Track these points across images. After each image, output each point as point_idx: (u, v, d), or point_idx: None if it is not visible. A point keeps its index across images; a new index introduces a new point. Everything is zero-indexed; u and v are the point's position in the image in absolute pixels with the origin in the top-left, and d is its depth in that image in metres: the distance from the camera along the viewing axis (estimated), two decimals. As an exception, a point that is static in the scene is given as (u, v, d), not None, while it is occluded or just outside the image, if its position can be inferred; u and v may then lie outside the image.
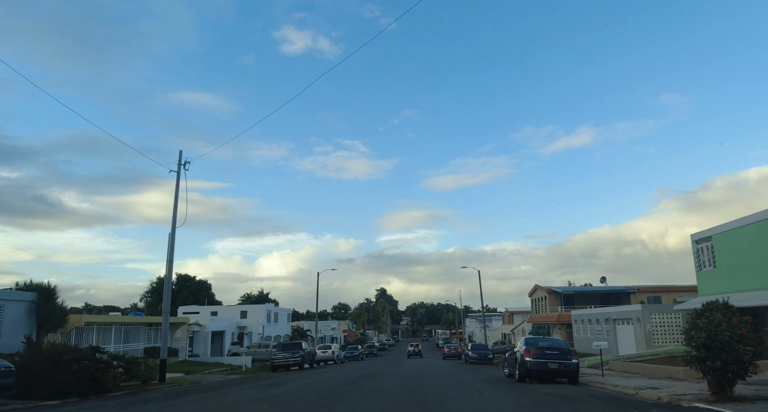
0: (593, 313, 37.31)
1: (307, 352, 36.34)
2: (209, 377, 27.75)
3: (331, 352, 46.65)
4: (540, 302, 53.53)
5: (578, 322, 40.76)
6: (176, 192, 23.96)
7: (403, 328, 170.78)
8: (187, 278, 73.08)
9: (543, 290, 51.58)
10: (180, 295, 70.47)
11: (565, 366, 16.77)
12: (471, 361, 37.90)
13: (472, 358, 37.96)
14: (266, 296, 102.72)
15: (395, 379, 20.38)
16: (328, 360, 46.93)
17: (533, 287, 55.44)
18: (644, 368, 20.93)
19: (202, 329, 42.97)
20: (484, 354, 38.23)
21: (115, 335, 31.97)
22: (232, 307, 61.20)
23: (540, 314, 53.26)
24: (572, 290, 48.22)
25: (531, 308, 58.36)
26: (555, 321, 45.78)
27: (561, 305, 46.77)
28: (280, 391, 16.07)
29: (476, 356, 37.97)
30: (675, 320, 28.66)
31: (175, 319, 39.81)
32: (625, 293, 46.98)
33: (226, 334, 46.76)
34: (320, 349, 47.07)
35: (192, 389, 19.76)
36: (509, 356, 20.12)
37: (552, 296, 49.42)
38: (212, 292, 76.28)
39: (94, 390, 17.64)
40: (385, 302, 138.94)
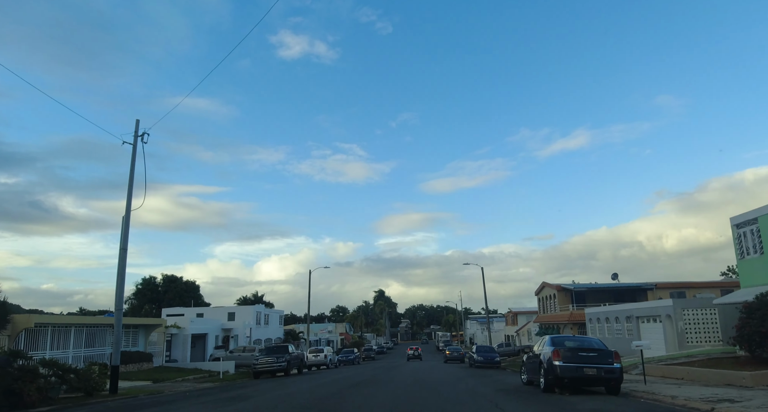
0: (612, 310, 33.71)
1: (295, 356, 32.68)
2: (177, 385, 24.08)
3: (323, 356, 42.94)
4: (548, 301, 49.92)
5: (593, 321, 37.16)
6: (131, 168, 20.32)
7: (402, 330, 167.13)
8: (173, 279, 69.40)
9: (552, 288, 47.98)
10: (166, 296, 66.86)
11: (606, 372, 13.15)
12: (476, 365, 34.28)
13: (478, 361, 34.32)
14: (260, 298, 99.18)
15: (391, 389, 16.74)
16: (321, 365, 43.24)
17: (540, 284, 51.84)
18: (691, 373, 17.32)
19: (181, 331, 39.24)
20: (490, 357, 34.60)
21: (75, 338, 28.22)
22: (219, 308, 57.46)
23: (548, 313, 49.63)
24: (584, 286, 44.73)
25: (538, 308, 54.73)
26: (566, 320, 42.16)
27: (572, 303, 43.16)
28: (239, 408, 12.40)
29: (482, 359, 34.35)
30: (711, 317, 25.06)
31: (150, 320, 36.14)
32: (642, 289, 43.42)
33: (209, 337, 43.03)
34: (312, 353, 43.37)
35: (141, 402, 16.11)
36: (529, 359, 16.49)
37: (562, 293, 45.82)
38: (201, 294, 72.58)
39: (11, 405, 14.02)
40: (383, 303, 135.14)
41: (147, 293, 67.63)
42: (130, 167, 20.21)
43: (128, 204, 20.01)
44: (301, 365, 34.66)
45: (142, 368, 33.68)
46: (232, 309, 55.79)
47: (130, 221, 20.09)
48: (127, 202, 19.99)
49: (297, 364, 33.46)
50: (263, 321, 58.11)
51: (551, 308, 48.77)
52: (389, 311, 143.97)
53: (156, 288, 68.57)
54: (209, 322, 44.40)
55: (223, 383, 26.44)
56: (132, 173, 20.15)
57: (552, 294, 48.10)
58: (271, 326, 60.96)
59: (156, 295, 67.45)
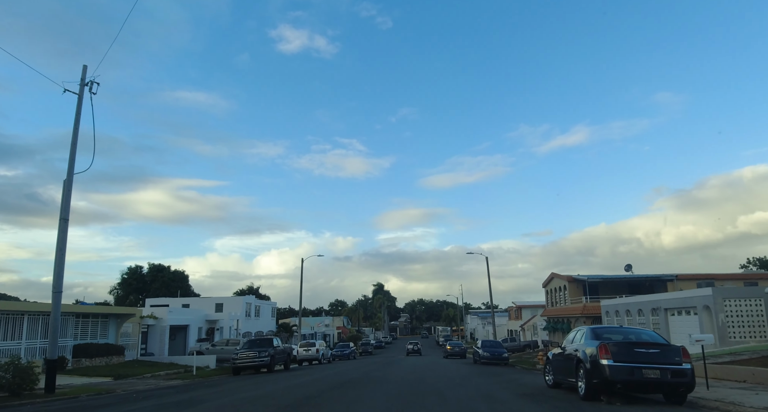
0: (633, 302, 30.36)
1: (280, 350, 29.37)
2: (138, 383, 20.78)
3: (315, 350, 39.66)
4: (557, 293, 46.58)
5: (610, 314, 33.85)
6: (76, 123, 16.83)
7: (402, 325, 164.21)
8: (160, 268, 66.09)
9: (562, 279, 44.62)
10: (152, 286, 63.59)
11: (674, 375, 9.75)
12: (482, 361, 30.99)
13: (484, 357, 31.03)
14: (256, 291, 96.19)
15: (383, 391, 13.40)
16: (312, 360, 40.01)
17: (549, 276, 48.48)
18: (758, 375, 13.94)
19: (158, 322, 35.95)
20: (498, 353, 31.29)
21: (29, 327, 24.89)
22: (206, 299, 54.20)
23: (557, 306, 46.31)
24: (598, 277, 41.39)
25: (545, 300, 51.42)
26: (579, 313, 38.82)
27: (585, 294, 39.83)
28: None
29: (488, 354, 31.05)
30: (758, 309, 21.67)
31: (122, 309, 32.85)
32: (661, 280, 40.06)
33: (191, 329, 39.70)
34: (302, 347, 40.10)
35: (68, 405, 12.78)
36: (557, 357, 13.11)
37: (573, 285, 42.46)
38: (189, 284, 69.28)
39: None
40: (382, 297, 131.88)
41: (132, 282, 64.39)
42: (74, 122, 16.75)
43: (71, 166, 16.56)
44: (288, 360, 31.38)
45: (111, 362, 30.41)
46: (219, 300, 52.52)
47: (72, 186, 16.63)
48: (70, 163, 16.53)
49: (283, 359, 30.18)
50: (253, 313, 54.87)
51: (561, 300, 45.45)
52: (388, 305, 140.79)
53: (142, 278, 65.30)
54: (191, 312, 41.07)
55: (194, 380, 23.14)
56: (76, 129, 16.69)
57: (562, 286, 44.75)
58: (262, 319, 57.74)
59: (142, 285, 64.21)
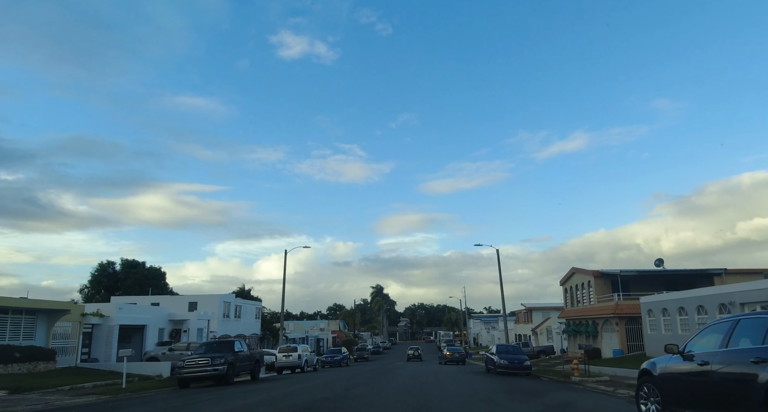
0: (690, 297, 24.18)
1: (244, 356, 23.22)
2: (41, 399, 14.71)
3: (296, 356, 33.46)
4: (578, 291, 40.38)
5: (654, 313, 27.70)
6: None
7: (401, 329, 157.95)
8: (134, 265, 59.95)
9: (585, 274, 38.42)
10: (124, 283, 57.44)
11: None
12: (499, 370, 24.82)
13: (501, 366, 24.84)
14: (248, 293, 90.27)
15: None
16: (294, 367, 33.88)
17: (569, 271, 42.25)
18: None
19: (104, 321, 29.82)
20: (518, 360, 25.10)
21: None
22: (179, 297, 48.05)
23: (579, 305, 40.09)
24: (632, 271, 35.20)
25: (564, 300, 45.19)
26: (611, 314, 32.60)
27: (617, 291, 33.59)
28: None
29: (506, 362, 24.87)
30: None
31: (52, 304, 26.64)
32: (707, 274, 33.89)
33: (149, 330, 33.50)
34: (282, 352, 33.91)
35: None
36: (682, 376, 6.94)
37: (600, 280, 36.25)
38: (166, 282, 63.13)
39: None
40: (381, 300, 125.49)
41: (103, 280, 58.27)
42: None
43: None
44: (257, 368, 25.23)
45: (35, 370, 24.36)
46: (193, 298, 46.35)
47: None
48: None
49: (248, 367, 24.02)
50: (233, 314, 48.68)
51: (584, 298, 39.24)
52: (387, 309, 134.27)
53: (114, 275, 59.16)
54: (150, 311, 34.82)
55: (117, 395, 17.04)
56: None
57: (585, 282, 38.55)
58: (244, 320, 51.54)
59: (114, 283, 58.08)
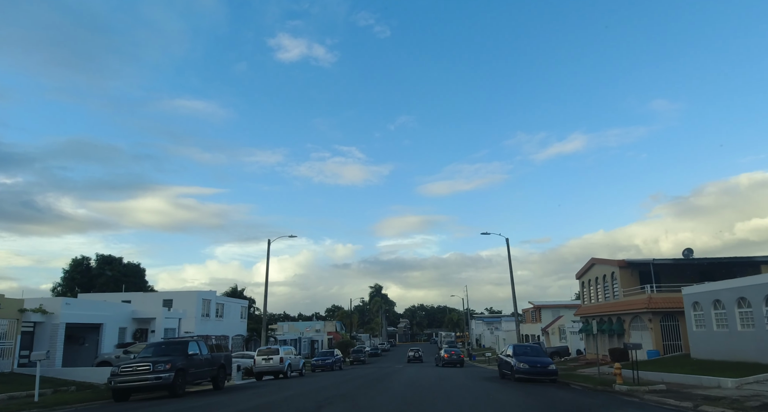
0: (757, 283, 19.59)
1: (200, 360, 18.65)
2: None
3: (277, 360, 28.81)
4: (600, 284, 35.80)
5: (702, 306, 23.13)
6: None
7: (401, 331, 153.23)
8: (110, 260, 55.32)
9: (609, 265, 33.84)
10: (98, 281, 52.84)
11: None
12: (519, 376, 20.25)
13: (521, 371, 20.25)
14: (240, 293, 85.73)
15: None
16: (276, 372, 29.27)
17: (587, 262, 37.63)
18: None
19: (48, 319, 25.20)
20: (543, 364, 20.49)
21: None
22: (153, 294, 43.41)
23: (601, 300, 35.51)
24: (666, 260, 30.60)
25: (581, 296, 40.60)
26: (643, 308, 27.98)
27: (651, 282, 28.98)
28: None
29: (528, 367, 20.28)
30: None
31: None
32: (751, 263, 29.35)
33: (107, 329, 28.84)
34: (261, 355, 29.27)
35: None
36: None
37: (626, 271, 31.67)
38: (146, 279, 58.52)
39: None
40: (380, 300, 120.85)
41: (77, 277, 53.68)
42: None
43: None
44: (220, 374, 20.65)
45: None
46: (169, 295, 41.74)
47: None
48: None
49: (208, 374, 19.46)
50: (214, 313, 44.03)
51: (605, 293, 34.66)
52: (386, 309, 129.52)
53: (88, 271, 54.57)
54: (107, 307, 30.10)
55: None
56: None
57: (609, 274, 33.97)
58: (227, 320, 46.90)
59: (89, 280, 53.51)
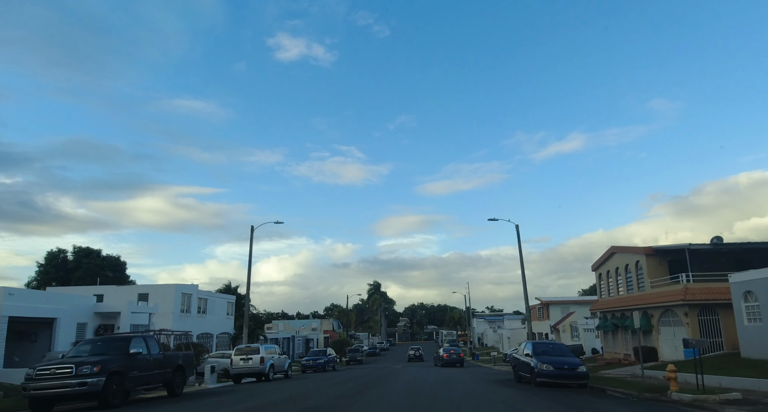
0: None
1: (147, 362, 14.99)
2: None
3: (257, 360, 25.14)
4: (622, 275, 32.16)
5: (758, 295, 19.46)
6: None
7: (401, 330, 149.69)
8: (87, 253, 51.73)
9: (633, 253, 30.14)
10: (75, 274, 49.24)
11: None
12: (541, 379, 16.59)
13: (545, 373, 16.57)
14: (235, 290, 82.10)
15: None
16: (258, 375, 25.64)
17: (606, 252, 33.94)
18: None
19: (-16, 313, 21.52)
20: (571, 365, 16.79)
21: None
22: (127, 288, 39.70)
23: (623, 293, 31.86)
24: (704, 246, 26.76)
25: (597, 289, 36.97)
26: (678, 300, 24.27)
27: (687, 270, 25.24)
28: None
29: (552, 369, 16.59)
30: None
31: None
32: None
33: (61, 325, 25.11)
34: (238, 354, 25.60)
35: None
36: None
37: (655, 260, 27.98)
38: (126, 273, 54.86)
39: None
40: (379, 297, 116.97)
41: (51, 271, 50.10)
42: None
43: None
44: (177, 379, 17.00)
45: None
46: (145, 289, 38.08)
47: None
48: None
49: (159, 378, 15.82)
50: (195, 309, 40.35)
51: (629, 285, 31.02)
52: (385, 307, 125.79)
53: (64, 265, 50.97)
54: (62, 299, 26.34)
55: None
56: None
57: (632, 263, 30.31)
58: (211, 317, 43.22)
59: (65, 274, 49.95)
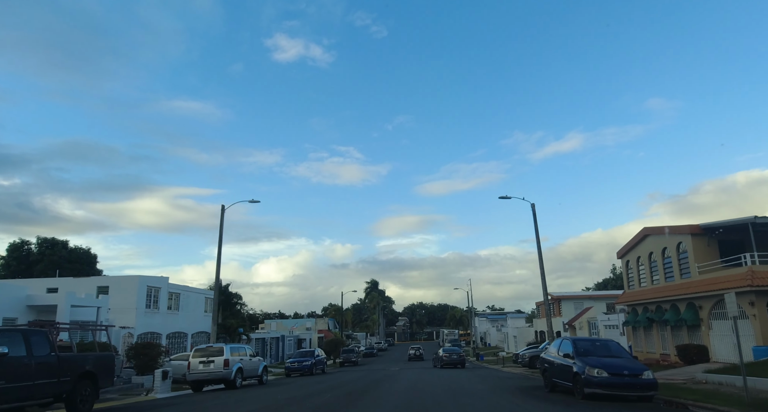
0: None
1: (20, 368, 10.14)
2: None
3: (220, 363, 20.39)
4: (658, 261, 27.44)
5: None
6: None
7: (400, 329, 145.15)
8: (53, 244, 46.98)
9: (675, 233, 25.36)
10: (37, 267, 44.59)
11: None
12: (591, 390, 11.86)
13: (597, 381, 11.85)
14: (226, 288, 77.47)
15: None
16: (222, 380, 20.91)
17: (638, 234, 29.14)
18: None
19: None
20: (633, 371, 12.03)
21: None
22: (85, 280, 34.83)
23: (658, 282, 27.13)
24: (765, 219, 22.14)
25: (625, 278, 32.25)
26: (743, 286, 19.56)
27: (753, 250, 20.53)
28: None
29: (607, 376, 11.86)
30: None
31: None
32: None
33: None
34: (197, 356, 20.84)
35: None
36: None
37: (702, 240, 23.27)
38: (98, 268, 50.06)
39: None
40: (377, 295, 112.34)
41: (13, 263, 45.46)
42: None
43: None
44: (80, 389, 12.21)
45: None
46: (105, 281, 33.34)
47: None
48: None
49: (49, 390, 11.04)
50: (164, 304, 35.59)
51: (667, 272, 26.30)
52: (384, 306, 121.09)
53: (27, 257, 46.30)
54: None
55: None
56: None
57: (672, 247, 25.57)
58: (185, 314, 38.39)
59: (28, 266, 45.36)
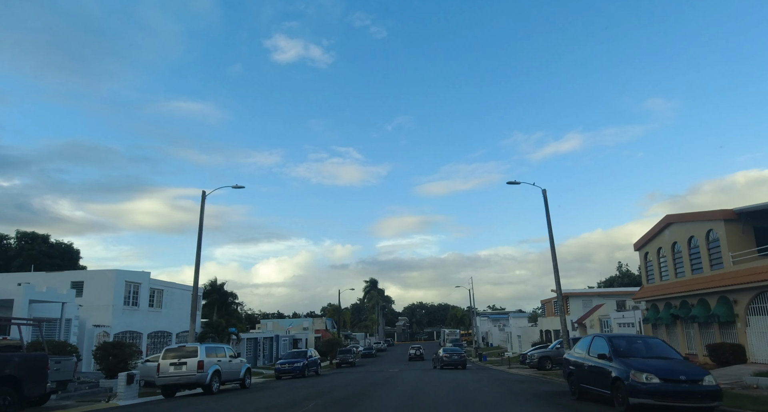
0: None
1: None
2: None
3: (193, 366, 17.89)
4: (684, 251, 24.94)
5: None
6: None
7: (400, 329, 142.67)
8: (32, 237, 44.50)
9: (705, 220, 22.83)
10: (15, 261, 42.15)
11: None
12: (637, 400, 9.26)
13: (645, 389, 9.19)
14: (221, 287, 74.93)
15: None
16: (196, 385, 18.42)
17: (660, 222, 26.58)
18: None
19: None
20: (691, 377, 9.16)
21: None
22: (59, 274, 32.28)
23: (684, 275, 24.61)
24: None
25: (644, 271, 29.75)
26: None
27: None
28: None
29: (660, 383, 9.26)
30: None
31: None
32: None
33: None
34: (168, 358, 18.33)
35: None
36: None
37: (737, 227, 20.72)
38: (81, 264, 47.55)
39: None
40: (376, 294, 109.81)
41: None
42: None
43: None
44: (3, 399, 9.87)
45: None
46: (79, 276, 30.82)
47: None
48: None
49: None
50: (145, 301, 33.02)
51: (694, 263, 23.79)
52: (383, 306, 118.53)
53: (5, 253, 43.83)
54: None
55: None
56: None
57: (700, 235, 23.04)
58: (169, 311, 35.79)
59: (6, 261, 42.95)
